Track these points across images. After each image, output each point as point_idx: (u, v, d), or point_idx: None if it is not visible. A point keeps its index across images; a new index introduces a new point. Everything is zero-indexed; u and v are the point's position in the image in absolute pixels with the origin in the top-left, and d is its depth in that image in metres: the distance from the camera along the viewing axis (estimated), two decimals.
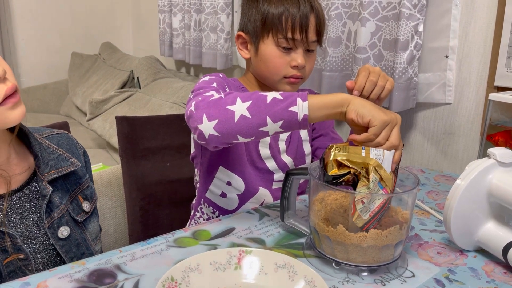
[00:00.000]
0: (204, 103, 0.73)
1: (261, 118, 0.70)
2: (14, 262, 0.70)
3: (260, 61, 0.93)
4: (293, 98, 0.70)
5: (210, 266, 0.64)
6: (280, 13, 0.88)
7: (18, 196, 0.73)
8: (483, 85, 1.17)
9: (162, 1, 2.38)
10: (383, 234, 0.66)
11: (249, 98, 0.71)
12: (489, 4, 1.13)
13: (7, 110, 0.66)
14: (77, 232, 0.79)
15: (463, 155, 1.23)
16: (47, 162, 0.77)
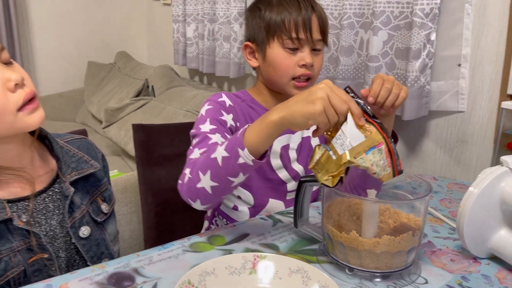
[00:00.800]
0: (182, 185, 0.81)
1: (226, 181, 0.75)
2: (38, 262, 0.72)
3: (269, 66, 0.95)
4: (235, 151, 0.72)
5: (225, 270, 0.66)
6: (283, 16, 0.91)
7: (42, 197, 0.76)
8: (496, 93, 1.17)
9: (176, 11, 2.42)
10: (396, 240, 0.67)
11: (206, 168, 0.76)
12: (501, 12, 1.13)
13: (26, 116, 0.68)
14: (97, 232, 0.82)
15: (476, 163, 1.23)
16: (69, 164, 0.80)
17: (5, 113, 0.66)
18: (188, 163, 0.83)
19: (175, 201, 1.29)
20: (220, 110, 0.93)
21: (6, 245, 0.69)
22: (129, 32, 3.17)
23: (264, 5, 0.95)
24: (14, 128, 0.68)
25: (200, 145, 0.85)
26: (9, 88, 0.66)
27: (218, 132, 0.89)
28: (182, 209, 1.30)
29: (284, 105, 0.71)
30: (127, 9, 3.11)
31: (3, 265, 0.69)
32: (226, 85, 2.30)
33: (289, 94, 0.96)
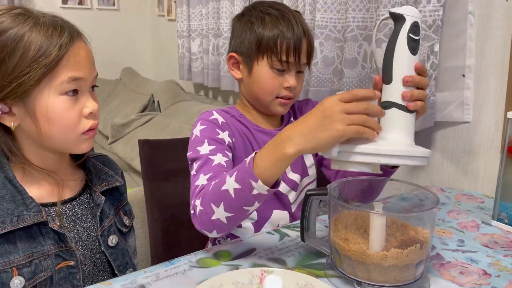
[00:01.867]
0: (195, 216, 0.80)
1: (241, 210, 0.75)
2: (64, 269, 0.75)
3: (253, 82, 0.95)
4: (247, 182, 0.71)
5: (232, 286, 0.66)
6: (275, 36, 0.91)
7: (72, 204, 0.80)
8: (502, 103, 1.17)
9: (181, 27, 2.45)
10: (404, 253, 0.66)
11: (219, 200, 0.75)
12: (504, 23, 1.14)
13: (83, 141, 0.76)
14: (122, 242, 0.85)
15: (484, 173, 1.22)
16: (99, 176, 0.85)
17: (73, 132, 0.74)
18: (195, 191, 0.83)
19: (182, 216, 1.29)
20: (215, 129, 0.93)
21: (38, 247, 0.73)
22: (134, 48, 3.21)
23: (257, 19, 0.94)
24: (70, 146, 0.76)
25: (204, 170, 0.85)
26: (84, 114, 0.74)
27: (218, 152, 0.89)
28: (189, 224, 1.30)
29: (298, 133, 0.69)
30: (132, 25, 3.15)
31: (33, 268, 0.71)
32: (231, 99, 2.32)
33: (272, 111, 0.98)
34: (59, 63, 0.70)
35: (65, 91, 0.71)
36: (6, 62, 0.68)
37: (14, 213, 0.71)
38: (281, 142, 0.70)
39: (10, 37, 0.68)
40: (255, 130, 0.99)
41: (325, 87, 1.51)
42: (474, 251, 0.83)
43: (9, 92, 0.68)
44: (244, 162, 0.74)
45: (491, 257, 0.81)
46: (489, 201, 1.09)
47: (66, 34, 0.71)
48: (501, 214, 0.95)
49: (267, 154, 0.71)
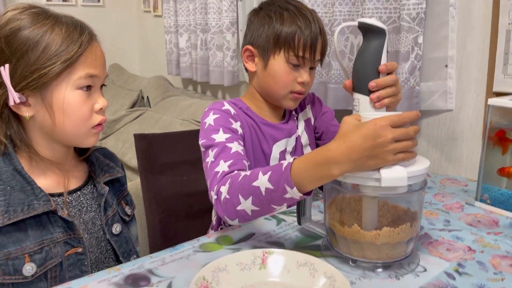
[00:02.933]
0: (219, 203, 0.80)
1: (269, 207, 0.76)
2: (73, 256, 0.78)
3: (268, 76, 0.98)
4: (281, 186, 0.71)
5: (236, 267, 0.70)
6: (294, 32, 0.94)
7: (77, 194, 0.84)
8: (483, 92, 1.22)
9: (168, 22, 2.47)
10: (395, 231, 0.71)
11: (248, 194, 0.76)
12: (484, 15, 1.19)
13: (92, 134, 0.80)
14: (125, 231, 0.89)
15: (467, 159, 1.28)
16: (102, 168, 0.89)
17: (84, 125, 0.78)
18: (217, 177, 0.84)
19: (179, 208, 1.33)
20: (229, 119, 0.96)
21: (48, 235, 0.76)
22: (121, 45, 3.20)
23: (275, 14, 0.97)
24: (79, 139, 0.80)
25: (223, 156, 0.87)
26: (95, 109, 0.79)
27: (234, 141, 0.91)
28: (186, 215, 1.34)
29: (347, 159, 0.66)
30: (117, 21, 3.15)
31: (44, 254, 0.75)
32: (220, 93, 2.35)
33: (284, 104, 1.01)
34: (78, 59, 0.74)
35: (80, 86, 0.76)
36: (28, 54, 0.72)
37: (24, 203, 0.74)
38: (327, 163, 0.68)
39: (33, 32, 0.73)
40: (262, 123, 1.02)
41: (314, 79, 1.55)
42: (459, 230, 0.89)
43: (30, 83, 0.72)
44: (280, 164, 0.74)
45: (475, 235, 0.87)
46: (472, 184, 1.16)
47: (86, 33, 0.76)
48: (484, 196, 1.01)
49: (311, 170, 0.70)
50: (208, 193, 0.86)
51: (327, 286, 0.65)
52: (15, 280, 0.73)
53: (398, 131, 0.66)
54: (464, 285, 0.70)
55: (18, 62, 0.72)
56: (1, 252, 0.72)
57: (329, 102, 1.48)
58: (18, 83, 0.73)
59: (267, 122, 1.03)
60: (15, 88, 0.73)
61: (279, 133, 1.04)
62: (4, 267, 0.72)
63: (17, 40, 0.72)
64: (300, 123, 1.09)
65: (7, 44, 0.72)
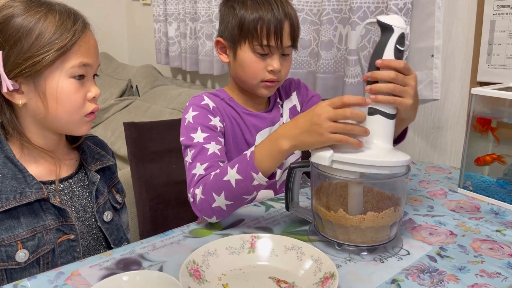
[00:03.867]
0: (195, 204, 0.86)
1: (241, 199, 0.83)
2: (65, 243, 0.79)
3: (238, 66, 0.98)
4: (248, 174, 0.79)
5: (226, 251, 0.72)
6: (256, 20, 0.93)
7: (68, 182, 0.85)
8: (467, 81, 1.25)
9: (157, 11, 2.45)
10: (379, 216, 0.74)
11: (220, 189, 0.82)
12: (469, 6, 1.21)
13: (85, 122, 0.80)
14: (116, 218, 0.90)
15: (451, 147, 1.31)
16: (93, 156, 0.89)
17: (77, 113, 0.78)
18: (193, 180, 0.88)
19: (168, 195, 1.34)
20: (207, 115, 0.96)
21: (40, 222, 0.77)
22: (109, 33, 3.17)
23: (238, 4, 0.96)
24: (72, 127, 0.80)
25: (200, 159, 0.90)
26: (88, 98, 0.79)
27: (212, 140, 0.93)
28: (175, 202, 1.36)
29: (291, 134, 0.76)
30: (105, 10, 3.12)
31: (36, 241, 0.76)
32: (209, 82, 2.35)
33: (258, 93, 1.01)
34: (72, 48, 0.74)
35: (74, 74, 0.76)
36: (22, 41, 0.72)
37: (17, 190, 0.75)
38: (277, 139, 0.78)
39: (26, 20, 0.72)
40: (244, 113, 1.03)
41: (302, 69, 1.57)
42: (442, 215, 0.92)
43: (23, 70, 0.72)
44: (244, 155, 0.81)
45: (457, 220, 0.90)
46: (455, 172, 1.19)
47: (80, 21, 0.76)
48: (466, 183, 1.04)
49: (266, 148, 0.79)
50: (187, 193, 0.90)
51: (313, 268, 0.68)
52: (8, 266, 0.74)
53: (333, 111, 0.72)
54: (445, 267, 0.72)
55: (11, 49, 0.72)
56: None
57: (318, 91, 1.50)
58: (11, 71, 0.73)
59: (249, 111, 1.04)
60: (8, 75, 0.73)
61: (262, 122, 1.04)
62: None
63: (10, 28, 0.72)
64: (285, 111, 1.09)
65: (0, 32, 0.72)
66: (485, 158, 1.01)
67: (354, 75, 1.39)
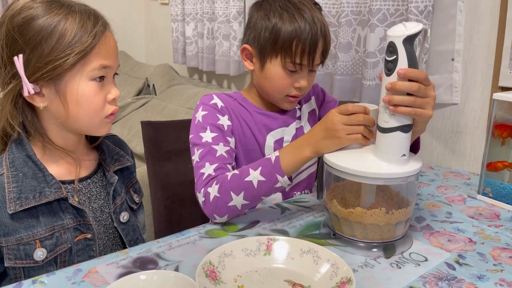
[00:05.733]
0: (208, 203, 0.87)
1: (258, 199, 0.87)
2: (82, 241, 0.80)
3: (265, 78, 0.96)
4: (273, 176, 0.84)
5: (242, 252, 0.71)
6: (292, 38, 0.90)
7: (87, 182, 0.85)
8: (488, 86, 1.23)
9: (175, 11, 2.47)
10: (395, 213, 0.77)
11: (239, 189, 0.84)
12: (491, 9, 1.19)
13: (105, 123, 0.81)
14: (132, 219, 0.90)
15: (470, 152, 1.29)
16: (112, 156, 0.89)
17: (97, 115, 0.78)
18: (202, 179, 0.89)
19: (184, 194, 1.34)
20: (216, 114, 0.97)
21: (59, 221, 0.77)
22: (126, 32, 3.20)
23: (274, 15, 0.92)
24: (93, 128, 0.81)
25: (208, 159, 0.91)
26: (108, 100, 0.79)
27: (220, 141, 0.94)
28: (190, 202, 1.36)
29: (311, 141, 0.84)
30: (123, 9, 3.15)
31: (54, 240, 0.77)
32: (225, 82, 2.36)
33: (281, 106, 1.01)
34: (92, 50, 0.73)
35: (94, 77, 0.75)
36: (42, 45, 0.71)
37: (36, 190, 0.76)
38: (300, 146, 0.85)
39: (47, 22, 0.72)
40: (255, 112, 1.02)
41: (320, 71, 1.56)
42: (460, 222, 0.91)
43: (44, 74, 0.72)
44: (267, 159, 0.86)
45: (476, 227, 0.88)
46: (474, 177, 1.17)
47: (100, 23, 0.75)
48: (486, 189, 1.02)
49: (289, 154, 0.85)
50: (195, 191, 0.90)
51: (330, 273, 0.67)
52: (26, 264, 0.75)
53: (345, 116, 0.80)
54: (464, 276, 0.71)
55: (32, 53, 0.71)
56: (13, 238, 0.74)
57: (335, 93, 1.49)
58: (32, 74, 0.72)
59: (261, 110, 1.03)
60: (29, 79, 0.72)
61: (274, 122, 1.03)
62: (15, 252, 0.74)
63: (31, 30, 0.71)
64: (304, 114, 1.09)
65: (21, 34, 0.72)
66: (496, 164, 0.99)
67: (372, 77, 1.38)
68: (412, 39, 0.72)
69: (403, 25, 0.73)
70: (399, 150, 0.76)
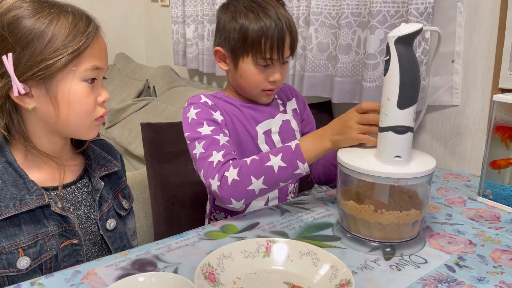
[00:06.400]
0: (225, 186, 0.87)
1: (276, 185, 0.90)
2: (68, 247, 0.78)
3: (240, 77, 1.00)
4: (294, 162, 0.87)
5: (241, 254, 0.71)
6: (259, 36, 0.94)
7: (72, 188, 0.83)
8: (488, 87, 1.23)
9: (175, 12, 2.47)
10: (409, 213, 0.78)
11: (260, 174, 0.87)
12: (491, 11, 1.19)
13: (95, 126, 0.79)
14: (120, 226, 0.87)
15: (470, 154, 1.29)
16: (98, 162, 0.87)
17: (88, 118, 0.77)
18: (212, 166, 0.89)
19: (184, 196, 1.34)
20: (209, 110, 0.99)
21: (42, 229, 0.75)
22: (127, 34, 3.21)
23: (240, 16, 0.96)
24: (82, 131, 0.79)
25: (214, 148, 0.92)
26: (98, 102, 0.78)
27: (220, 132, 0.95)
28: (190, 204, 1.36)
29: (330, 134, 0.88)
30: (124, 10, 3.15)
31: (38, 248, 0.74)
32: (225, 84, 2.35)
33: (258, 101, 1.05)
34: (85, 51, 0.72)
35: (86, 78, 0.74)
36: (34, 43, 0.69)
37: (16, 197, 0.73)
38: (321, 137, 0.89)
39: (39, 20, 0.70)
40: (242, 106, 1.05)
41: (320, 72, 1.56)
42: (461, 224, 0.90)
43: (35, 73, 0.70)
44: (288, 146, 0.89)
45: (476, 229, 0.88)
46: (475, 179, 1.16)
47: (92, 24, 0.74)
48: (486, 191, 1.02)
49: (310, 144, 0.89)
50: (204, 181, 0.91)
51: (329, 275, 0.67)
52: (10, 273, 0.72)
53: (359, 116, 0.85)
54: (464, 278, 0.71)
55: (23, 51, 0.69)
56: None
57: (335, 95, 1.49)
58: (22, 74, 0.70)
59: (247, 104, 1.05)
60: (19, 78, 0.70)
61: (260, 114, 1.06)
62: None
63: (22, 29, 0.69)
64: (289, 111, 1.12)
65: (10, 32, 0.69)
66: (500, 162, 0.99)
67: (372, 79, 1.38)
68: (405, 40, 0.74)
69: (402, 26, 0.74)
70: (392, 150, 0.77)
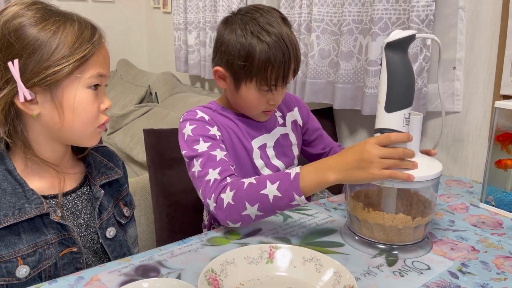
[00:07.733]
0: (222, 208, 0.84)
1: (273, 212, 0.85)
2: (68, 255, 0.77)
3: (240, 98, 0.97)
4: (290, 194, 0.80)
5: (244, 260, 0.71)
6: (266, 65, 0.90)
7: (72, 196, 0.82)
8: (490, 94, 1.23)
9: (177, 19, 2.48)
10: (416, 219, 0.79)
11: (254, 201, 0.82)
12: (492, 18, 1.20)
13: (97, 133, 0.79)
14: (120, 234, 0.87)
15: (472, 161, 1.29)
16: (99, 169, 0.87)
17: (91, 125, 0.77)
18: (210, 185, 0.87)
19: (186, 202, 1.34)
20: (205, 126, 0.96)
21: (42, 237, 0.75)
22: (129, 40, 3.23)
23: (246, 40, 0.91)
24: (85, 138, 0.79)
25: (210, 165, 0.89)
26: (101, 109, 0.78)
27: (217, 148, 0.93)
28: (192, 209, 1.36)
29: (339, 167, 0.78)
30: (126, 17, 3.17)
31: (37, 257, 0.74)
32: None
33: (256, 119, 1.03)
34: (90, 58, 0.73)
35: (91, 84, 0.74)
36: (41, 50, 0.70)
37: (15, 206, 0.73)
38: (324, 169, 0.79)
39: (46, 27, 0.70)
40: (238, 120, 1.03)
41: (322, 79, 1.57)
42: (463, 230, 0.90)
43: (42, 79, 0.70)
44: (287, 174, 0.82)
45: (479, 235, 0.88)
46: (477, 186, 1.17)
47: (97, 32, 0.75)
48: (488, 197, 1.02)
49: (311, 175, 0.80)
50: (203, 201, 0.89)
51: (332, 281, 0.67)
52: (9, 281, 0.72)
53: (384, 150, 0.75)
54: (467, 284, 0.71)
55: (29, 58, 0.69)
56: None
57: (337, 101, 1.50)
58: (28, 80, 0.70)
59: (243, 118, 1.04)
60: (25, 84, 0.70)
61: (255, 129, 1.04)
62: None
63: (28, 36, 0.70)
64: (288, 123, 1.11)
65: (17, 39, 0.69)
66: (506, 161, 0.99)
67: (373, 85, 1.39)
68: (395, 45, 0.75)
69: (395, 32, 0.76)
70: None
